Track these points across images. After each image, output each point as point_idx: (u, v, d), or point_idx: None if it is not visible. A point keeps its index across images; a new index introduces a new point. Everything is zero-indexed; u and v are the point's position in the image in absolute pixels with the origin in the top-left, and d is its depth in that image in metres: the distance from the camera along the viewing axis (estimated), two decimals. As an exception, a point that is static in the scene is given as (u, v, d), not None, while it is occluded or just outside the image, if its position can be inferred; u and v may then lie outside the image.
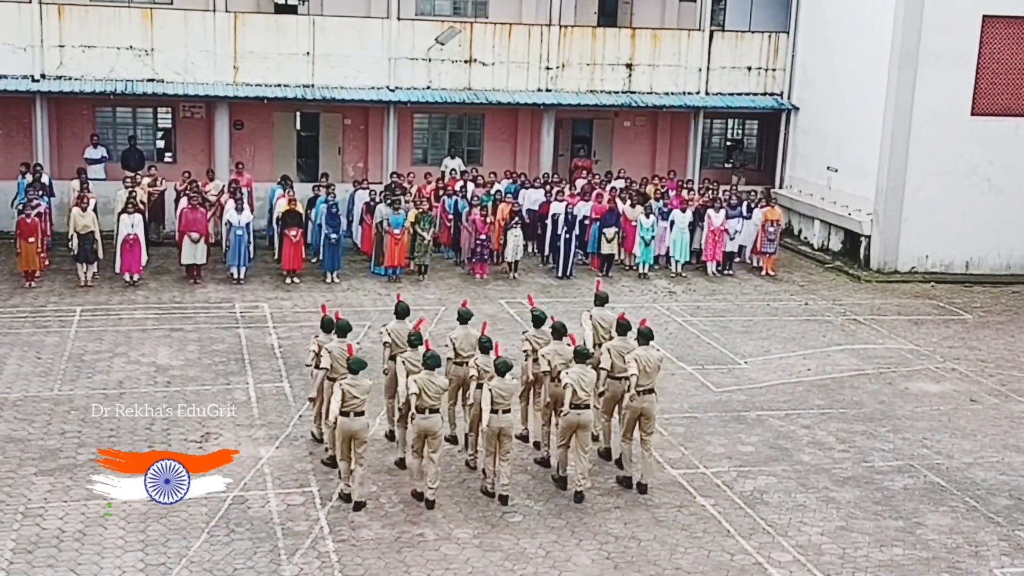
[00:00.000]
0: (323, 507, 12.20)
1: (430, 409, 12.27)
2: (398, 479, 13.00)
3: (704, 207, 23.94)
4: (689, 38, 27.33)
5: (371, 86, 25.71)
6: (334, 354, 13.01)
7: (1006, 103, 24.06)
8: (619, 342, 13.54)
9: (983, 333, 20.33)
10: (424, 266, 22.35)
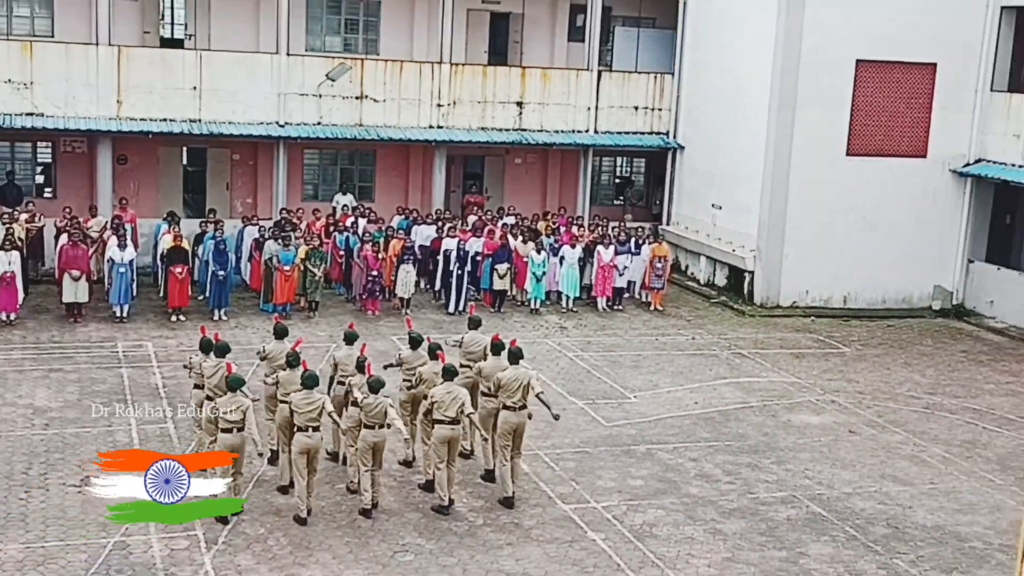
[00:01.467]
0: (208, 551, 11.97)
1: (312, 428, 12.54)
2: (285, 521, 12.84)
3: (594, 243, 24.29)
4: (578, 78, 27.78)
5: (260, 121, 25.51)
6: (206, 374, 13.25)
7: (879, 144, 25.00)
8: (492, 362, 14.07)
9: (860, 366, 21.00)
10: (315, 303, 22.18)
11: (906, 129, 25.07)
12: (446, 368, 13.50)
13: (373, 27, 27.59)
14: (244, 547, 12.10)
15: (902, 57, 24.67)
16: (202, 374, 13.48)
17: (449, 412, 13.11)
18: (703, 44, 27.40)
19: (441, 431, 13.19)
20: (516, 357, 13.83)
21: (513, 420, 13.61)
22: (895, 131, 25.04)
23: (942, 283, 25.74)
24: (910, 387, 19.76)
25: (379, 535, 12.66)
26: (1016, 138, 24.36)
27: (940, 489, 15.09)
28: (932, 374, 20.70)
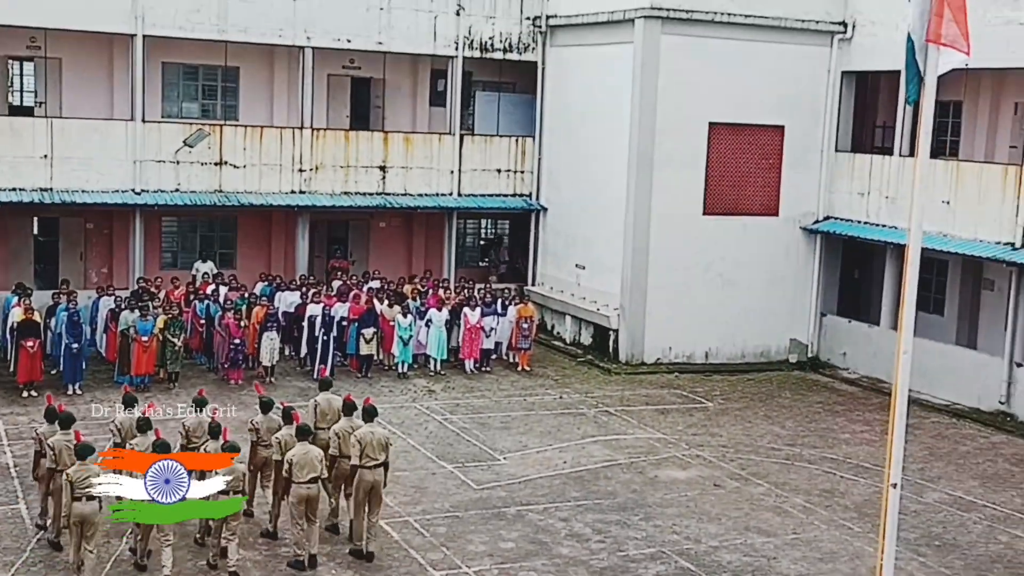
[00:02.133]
0: (66, 637, 11.47)
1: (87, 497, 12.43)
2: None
3: (460, 305, 24.38)
4: (440, 141, 28.03)
5: (115, 189, 24.93)
6: (58, 447, 12.99)
7: (732, 203, 25.86)
8: (344, 423, 14.28)
9: (723, 420, 21.49)
10: (175, 374, 21.64)
11: (758, 188, 26.01)
12: (300, 428, 13.66)
13: (232, 93, 27.36)
14: None
15: (752, 119, 25.67)
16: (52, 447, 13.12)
17: (305, 473, 13.21)
18: (562, 108, 28.01)
19: (299, 491, 13.25)
20: (370, 415, 13.99)
21: (368, 478, 13.69)
22: (748, 190, 25.94)
23: (798, 336, 26.63)
24: (771, 439, 20.29)
25: None
26: (860, 196, 25.51)
27: (802, 539, 15.48)
28: (791, 425, 21.31)
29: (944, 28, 7.69)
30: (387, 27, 26.86)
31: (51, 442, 13.17)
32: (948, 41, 7.74)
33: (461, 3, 27.51)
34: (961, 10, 7.72)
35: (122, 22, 24.59)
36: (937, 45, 7.81)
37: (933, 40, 7.85)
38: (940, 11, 7.71)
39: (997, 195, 22.30)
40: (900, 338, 7.57)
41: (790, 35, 25.53)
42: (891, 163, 24.85)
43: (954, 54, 7.84)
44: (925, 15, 7.82)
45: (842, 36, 25.69)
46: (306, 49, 26.22)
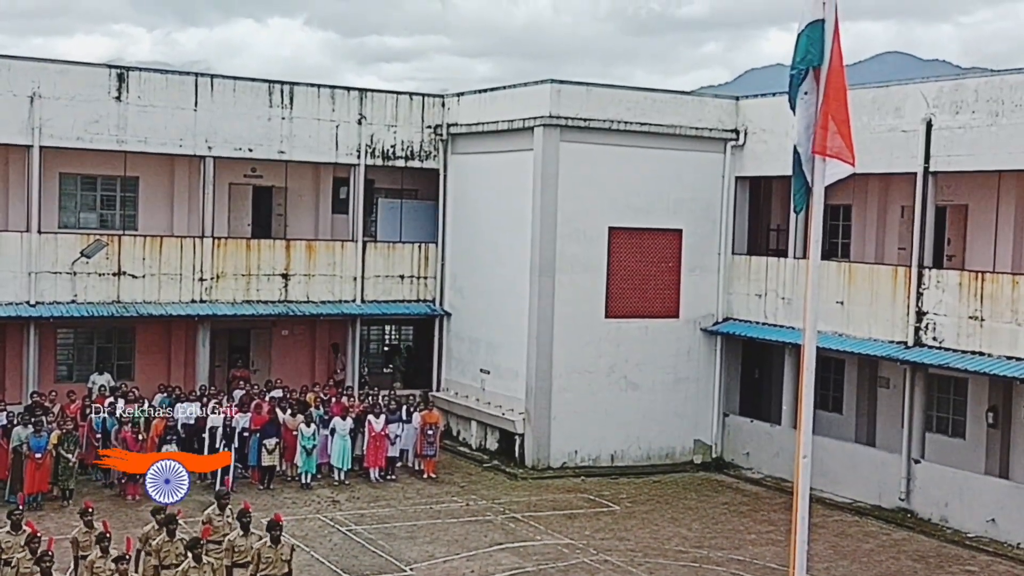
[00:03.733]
0: None
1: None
2: None
3: (364, 413, 24.13)
4: (343, 248, 28.03)
5: (8, 301, 24.34)
6: None
7: (634, 305, 26.25)
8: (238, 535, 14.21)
9: (631, 523, 21.47)
10: (69, 490, 20.90)
11: (659, 291, 26.48)
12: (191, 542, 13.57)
13: (131, 202, 27.09)
14: None
15: (651, 223, 26.26)
16: None
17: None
18: (464, 214, 28.32)
19: None
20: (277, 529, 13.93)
21: None
22: (649, 293, 26.39)
23: (702, 437, 26.89)
24: (678, 542, 20.31)
25: None
26: (758, 297, 26.14)
27: (712, 642, 15.40)
28: (698, 527, 21.38)
29: (829, 140, 8.03)
30: (289, 136, 26.99)
31: None
32: (834, 152, 8.07)
33: (363, 112, 27.83)
34: (845, 123, 8.08)
35: (18, 133, 24.31)
36: (823, 156, 8.14)
37: (819, 152, 8.18)
38: (825, 124, 8.05)
39: (888, 295, 23.06)
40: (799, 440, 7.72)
41: (685, 142, 26.33)
42: (786, 265, 25.58)
43: (840, 165, 8.16)
44: (810, 128, 8.17)
45: (735, 143, 26.58)
46: (207, 159, 26.19)
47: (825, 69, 8.18)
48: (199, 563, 13.17)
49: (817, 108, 8.14)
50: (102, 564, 13.13)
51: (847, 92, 8.13)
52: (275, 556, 13.65)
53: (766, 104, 26.33)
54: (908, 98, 22.65)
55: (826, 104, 8.09)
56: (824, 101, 8.10)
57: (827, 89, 8.09)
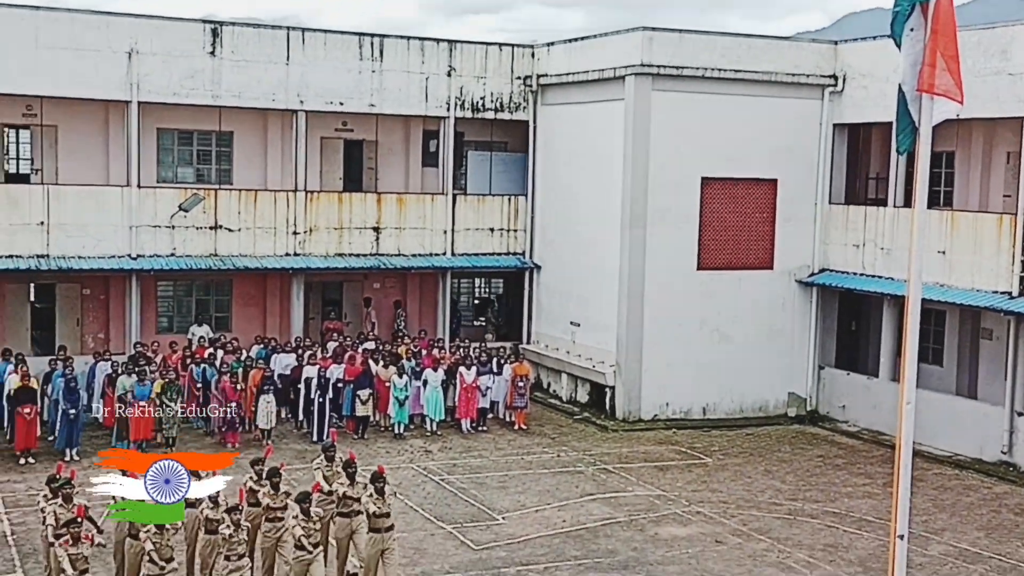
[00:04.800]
0: None
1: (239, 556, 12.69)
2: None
3: (456, 365, 24.29)
4: (433, 201, 28.12)
5: (111, 255, 24.94)
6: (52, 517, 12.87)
7: (727, 257, 25.91)
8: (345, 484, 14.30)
9: (723, 475, 21.33)
10: (172, 438, 21.48)
11: (752, 242, 26.08)
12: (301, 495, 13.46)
13: (226, 157, 27.50)
14: None
15: (745, 173, 25.81)
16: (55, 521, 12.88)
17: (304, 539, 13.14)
18: (554, 165, 28.16)
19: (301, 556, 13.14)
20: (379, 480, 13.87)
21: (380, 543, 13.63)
22: (742, 244, 26.01)
23: (796, 390, 26.55)
24: (772, 494, 20.13)
25: None
26: (856, 248, 25.58)
27: (807, 594, 15.29)
28: (792, 480, 21.15)
29: (937, 78, 7.74)
30: (379, 89, 27.07)
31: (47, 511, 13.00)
32: (941, 91, 7.78)
33: (452, 64, 27.77)
34: (954, 59, 7.77)
35: (117, 89, 24.76)
36: (931, 95, 7.85)
37: (926, 90, 7.89)
38: (933, 61, 7.76)
39: (992, 244, 22.38)
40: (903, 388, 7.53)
41: (781, 89, 25.76)
42: (886, 214, 24.96)
43: (948, 103, 7.87)
44: (917, 65, 7.87)
45: (833, 89, 25.93)
46: (299, 113, 26.40)
47: (932, 4, 7.88)
48: (307, 516, 13.19)
49: (924, 45, 7.84)
50: (213, 515, 13.19)
51: (956, 27, 7.81)
52: (383, 507, 13.63)
53: (865, 48, 25.61)
54: (1015, 40, 21.82)
55: (934, 40, 7.79)
56: (932, 37, 7.80)
57: (935, 25, 7.79)
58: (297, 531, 13.13)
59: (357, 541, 14.17)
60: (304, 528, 13.12)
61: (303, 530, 13.11)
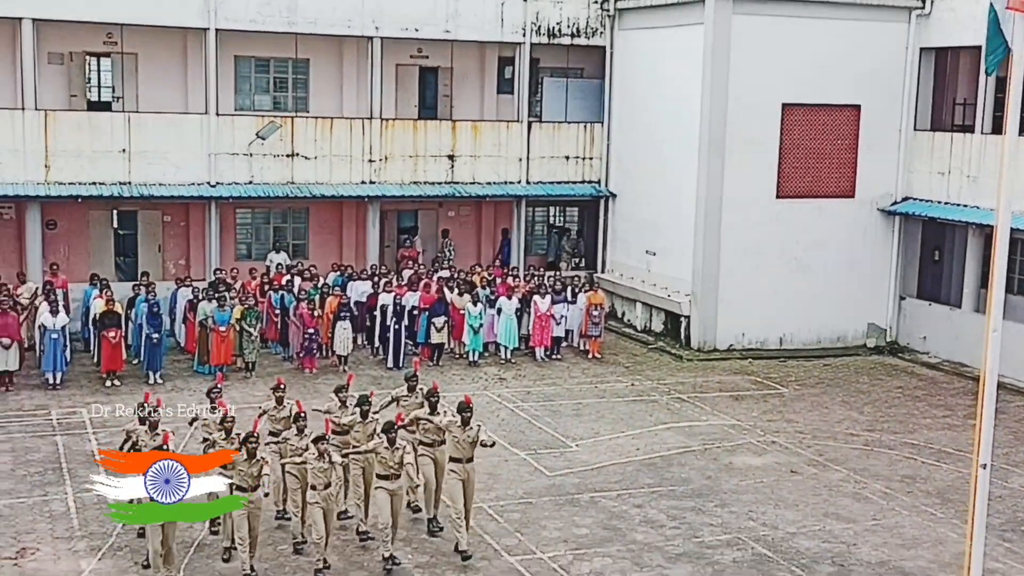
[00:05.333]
0: (149, 620, 11.67)
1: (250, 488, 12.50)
2: (228, 585, 12.59)
3: (530, 293, 24.32)
4: (508, 129, 27.96)
5: (191, 182, 25.29)
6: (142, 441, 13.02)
7: (807, 185, 25.44)
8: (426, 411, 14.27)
9: (799, 406, 21.18)
10: (251, 363, 21.89)
11: (834, 170, 25.56)
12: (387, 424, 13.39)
13: (302, 85, 27.57)
14: None
15: (827, 100, 25.20)
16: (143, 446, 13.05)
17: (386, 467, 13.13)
18: (631, 93, 27.77)
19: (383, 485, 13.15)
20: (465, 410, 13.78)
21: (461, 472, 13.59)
22: (823, 172, 25.51)
23: (875, 320, 26.14)
24: (849, 425, 19.96)
25: None
26: (941, 176, 24.94)
27: (883, 525, 15.19)
28: (870, 411, 20.93)
29: (1030, -5, 7.42)
30: (454, 15, 26.84)
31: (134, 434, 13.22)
32: (1035, 9, 7.46)
33: (528, -11, 27.41)
34: (1049, -25, 7.44)
35: (196, 16, 24.90)
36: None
37: (1018, 8, 7.58)
38: (1026, -22, 7.44)
39: (1083, 173, 21.63)
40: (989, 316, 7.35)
41: (866, 12, 25.01)
42: (973, 141, 24.23)
43: (1041, 23, 7.55)
44: (1010, -17, 7.56)
45: (920, 12, 25.10)
46: (374, 39, 26.32)
47: (1027, -83, 7.52)
48: (392, 446, 13.10)
49: (1019, -39, 7.51)
50: (297, 443, 13.26)
51: (1053, -60, 7.46)
52: (462, 437, 13.59)
53: (954, -31, 24.71)
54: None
55: (1028, -45, 7.45)
56: (1026, -48, 7.46)
57: (1029, -61, 7.44)
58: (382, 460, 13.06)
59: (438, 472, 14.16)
60: (387, 458, 13.03)
61: (385, 460, 13.03)
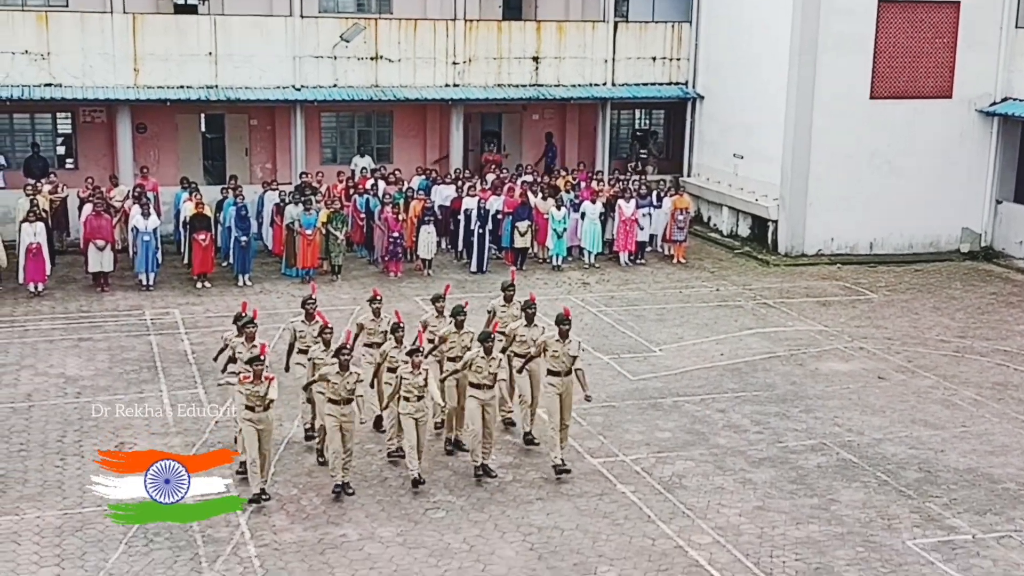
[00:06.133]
0: (243, 512, 12.05)
1: (344, 401, 12.42)
2: (318, 480, 12.92)
3: (614, 198, 24.14)
4: (594, 30, 27.48)
5: (276, 85, 25.41)
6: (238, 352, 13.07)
7: (903, 86, 24.66)
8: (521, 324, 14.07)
9: (888, 312, 20.84)
10: (337, 266, 22.18)
11: (930, 70, 24.72)
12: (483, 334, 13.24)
13: (386, -14, 27.37)
14: (278, 508, 12.18)
15: (925, -4, 24.32)
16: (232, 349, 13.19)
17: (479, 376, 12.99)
18: (720, -9, 27.05)
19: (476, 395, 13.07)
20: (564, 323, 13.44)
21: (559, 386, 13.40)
22: (919, 72, 24.69)
23: (970, 225, 25.48)
24: (939, 331, 19.62)
25: (410, 493, 12.70)
26: (1042, 76, 24.00)
27: (972, 432, 15.00)
28: (962, 317, 20.53)
29: None
30: (539, -88, 26.29)
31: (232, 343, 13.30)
32: None
33: None
34: None
35: (278, -83, 24.77)
36: None
37: None
38: None
39: None
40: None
41: (966, -97, 23.92)
42: (1077, 39, 23.21)
43: None
44: None
45: (1024, -98, 23.94)
46: (458, -61, 25.96)
47: None
48: (488, 355, 12.99)
49: None
50: (396, 355, 13.12)
51: None
52: (561, 351, 13.34)
53: None
54: None
55: None
56: None
57: None
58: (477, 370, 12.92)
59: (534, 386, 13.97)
60: (482, 367, 12.93)
61: (481, 369, 12.93)
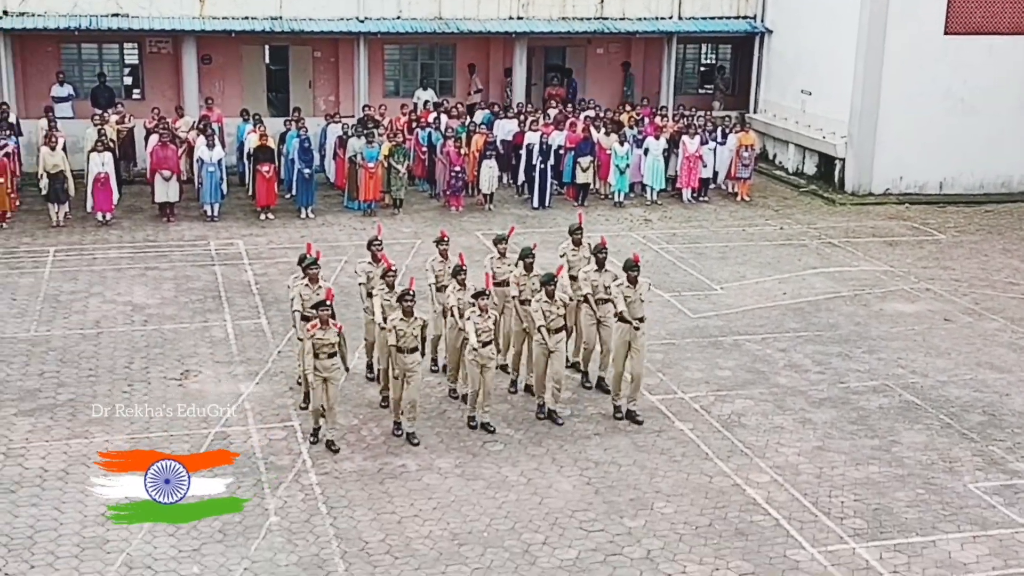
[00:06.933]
0: (304, 441, 12.26)
1: (408, 350, 12.28)
2: (378, 412, 13.08)
3: (678, 134, 23.85)
4: (661, -39, 27.03)
5: (340, 17, 25.36)
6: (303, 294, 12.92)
7: (979, 21, 23.96)
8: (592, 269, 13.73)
9: (957, 253, 20.48)
10: (399, 200, 22.24)
11: (1008, 4, 23.97)
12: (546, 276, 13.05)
13: (451, -83, 27.04)
14: (338, 437, 12.36)
15: (1005, -74, 23.53)
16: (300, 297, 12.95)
17: None
18: (792, -78, 26.39)
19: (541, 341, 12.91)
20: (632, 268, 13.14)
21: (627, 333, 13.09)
22: (997, 6, 23.95)
23: (1044, 167, 24.89)
24: (1008, 273, 19.24)
25: (468, 427, 12.81)
26: None
27: (1038, 377, 14.77)
28: (1032, 260, 20.15)
29: None
30: None
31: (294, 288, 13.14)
32: None
33: None
34: None
35: None
36: None
37: None
38: None
39: None
40: None
41: None
42: None
43: None
44: None
45: None
46: None
47: None
48: (551, 299, 12.83)
49: None
50: (461, 297, 12.97)
51: None
52: (635, 296, 13.05)
53: None
54: None
55: None
56: None
57: None
58: (539, 316, 12.73)
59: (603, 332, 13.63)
60: (547, 312, 12.77)
61: (545, 315, 12.76)
